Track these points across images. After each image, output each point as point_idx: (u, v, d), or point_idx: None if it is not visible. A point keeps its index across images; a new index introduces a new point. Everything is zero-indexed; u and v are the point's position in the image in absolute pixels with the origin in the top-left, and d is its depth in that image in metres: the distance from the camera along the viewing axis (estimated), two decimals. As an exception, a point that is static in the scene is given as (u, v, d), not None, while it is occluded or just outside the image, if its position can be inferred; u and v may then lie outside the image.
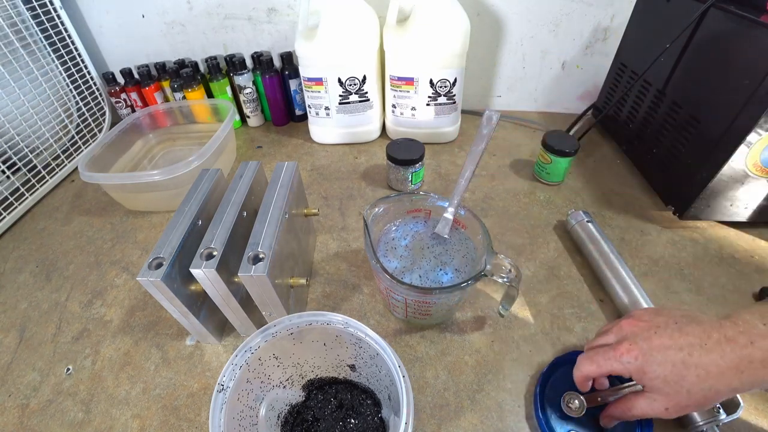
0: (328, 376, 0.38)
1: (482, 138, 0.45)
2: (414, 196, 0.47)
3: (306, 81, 0.72)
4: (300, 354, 0.35)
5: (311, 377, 0.38)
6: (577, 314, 0.47)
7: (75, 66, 0.77)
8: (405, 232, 0.48)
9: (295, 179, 0.47)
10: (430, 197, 0.46)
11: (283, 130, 0.86)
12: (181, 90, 0.79)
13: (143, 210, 0.66)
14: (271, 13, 0.80)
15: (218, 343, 0.46)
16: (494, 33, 0.81)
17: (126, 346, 0.46)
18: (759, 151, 0.48)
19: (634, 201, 0.64)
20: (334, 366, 0.37)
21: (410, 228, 0.48)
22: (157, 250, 0.37)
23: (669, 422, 0.38)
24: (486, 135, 0.45)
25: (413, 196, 0.47)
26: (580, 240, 0.54)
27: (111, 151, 0.67)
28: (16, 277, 0.55)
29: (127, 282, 0.54)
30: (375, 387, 0.37)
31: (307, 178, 0.71)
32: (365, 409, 0.37)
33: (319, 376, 0.38)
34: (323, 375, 0.38)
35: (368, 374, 0.36)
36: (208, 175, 0.47)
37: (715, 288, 0.50)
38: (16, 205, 0.65)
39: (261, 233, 0.38)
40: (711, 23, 0.53)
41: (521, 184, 0.68)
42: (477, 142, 0.45)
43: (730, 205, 0.54)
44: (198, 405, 0.41)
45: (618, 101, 0.71)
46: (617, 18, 0.77)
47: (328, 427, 0.36)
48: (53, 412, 0.41)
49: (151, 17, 0.80)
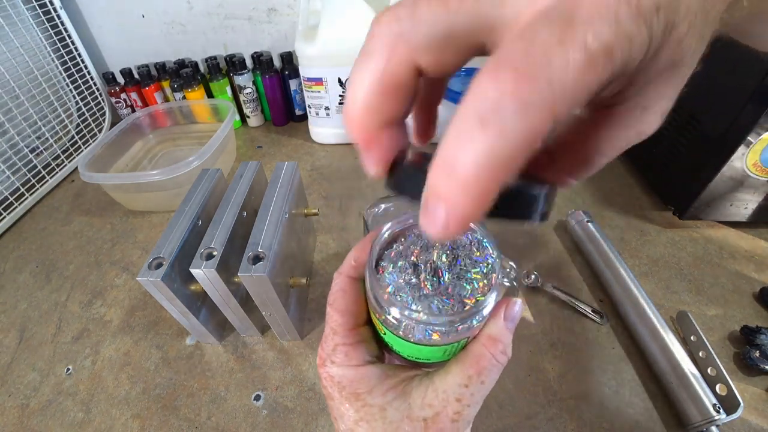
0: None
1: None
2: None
3: (306, 81, 0.72)
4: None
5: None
6: (577, 314, 0.47)
7: (75, 66, 0.77)
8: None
9: (295, 179, 0.46)
10: (430, 197, 0.46)
11: (283, 130, 0.86)
12: (181, 90, 0.79)
13: (143, 210, 0.66)
14: (271, 13, 0.80)
15: (218, 343, 0.46)
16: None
17: (126, 346, 0.46)
18: (759, 151, 0.48)
19: (634, 201, 0.64)
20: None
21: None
22: (157, 250, 0.37)
23: (669, 422, 0.38)
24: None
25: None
26: (580, 240, 0.54)
27: (111, 151, 0.67)
28: (16, 277, 0.55)
29: (127, 282, 0.54)
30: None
31: (307, 178, 0.71)
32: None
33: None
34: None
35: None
36: (208, 175, 0.47)
37: (715, 288, 0.50)
38: (16, 205, 0.65)
39: (261, 233, 0.38)
40: (711, 23, 0.53)
41: (521, 184, 0.68)
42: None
43: (730, 205, 0.54)
44: (198, 405, 0.41)
45: (618, 101, 0.71)
46: (617, 18, 0.77)
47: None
48: (53, 412, 0.41)
49: (151, 17, 0.80)
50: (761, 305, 0.47)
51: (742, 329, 0.44)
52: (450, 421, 0.17)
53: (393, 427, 0.17)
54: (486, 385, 0.18)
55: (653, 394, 0.40)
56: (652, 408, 0.39)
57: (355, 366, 0.19)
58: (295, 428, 0.39)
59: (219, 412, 0.40)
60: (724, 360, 0.41)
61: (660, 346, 0.41)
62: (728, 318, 0.46)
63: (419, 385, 0.18)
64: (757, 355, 0.41)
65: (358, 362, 0.19)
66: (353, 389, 0.18)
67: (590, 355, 0.43)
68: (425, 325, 0.17)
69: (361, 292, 0.20)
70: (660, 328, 0.42)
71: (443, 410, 0.17)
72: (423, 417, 0.17)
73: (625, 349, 0.44)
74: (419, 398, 0.18)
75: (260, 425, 0.39)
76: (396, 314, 0.17)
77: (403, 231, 0.20)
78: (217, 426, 0.39)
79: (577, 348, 0.44)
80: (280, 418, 0.39)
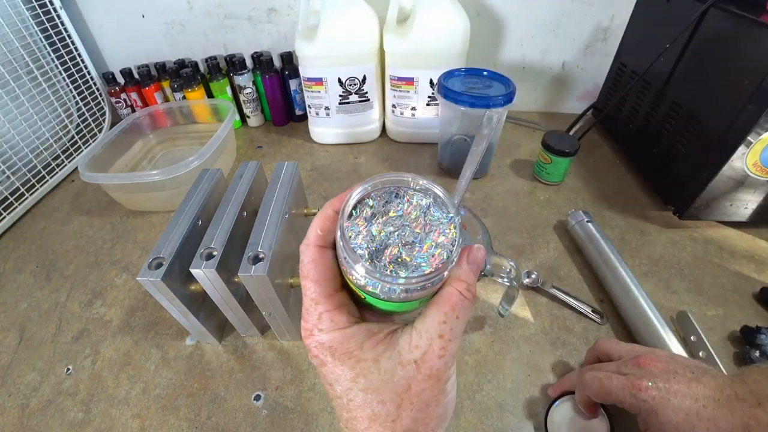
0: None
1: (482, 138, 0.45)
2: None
3: (306, 81, 0.72)
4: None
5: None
6: (577, 314, 0.47)
7: (75, 66, 0.77)
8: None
9: (295, 179, 0.47)
10: (430, 197, 0.46)
11: (283, 130, 0.86)
12: (181, 90, 0.79)
13: (143, 210, 0.66)
14: (271, 13, 0.80)
15: (218, 343, 0.46)
16: (494, 33, 0.81)
17: (126, 346, 0.46)
18: (759, 151, 0.48)
19: (634, 201, 0.64)
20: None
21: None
22: (157, 250, 0.37)
23: None
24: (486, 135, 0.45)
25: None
26: (580, 240, 0.54)
27: (111, 151, 0.67)
28: (16, 277, 0.55)
29: (127, 282, 0.54)
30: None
31: (307, 178, 0.71)
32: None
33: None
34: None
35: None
36: (208, 175, 0.47)
37: (715, 288, 0.50)
38: (16, 205, 0.65)
39: (261, 233, 0.38)
40: (711, 23, 0.53)
41: (521, 184, 0.68)
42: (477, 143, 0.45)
43: (730, 205, 0.54)
44: (198, 405, 0.41)
45: (618, 101, 0.71)
46: (617, 18, 0.77)
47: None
48: (53, 412, 0.41)
49: (151, 17, 0.80)
50: (761, 305, 0.47)
51: (742, 329, 0.44)
52: (437, 357, 0.19)
53: (389, 375, 0.19)
54: (461, 319, 0.20)
55: (653, 394, 0.40)
56: (652, 408, 0.39)
57: (342, 329, 0.20)
58: (295, 428, 0.39)
59: (219, 412, 0.40)
60: (724, 360, 0.41)
61: (660, 346, 0.41)
62: (728, 318, 0.46)
63: (404, 333, 0.20)
64: (757, 355, 0.41)
65: (344, 325, 0.20)
66: (345, 349, 0.19)
67: (590, 355, 0.43)
68: (402, 286, 0.18)
69: (332, 259, 0.21)
70: (660, 328, 0.42)
71: (429, 348, 0.19)
72: (413, 359, 0.19)
73: (625, 349, 0.44)
74: (406, 343, 0.19)
75: (260, 425, 0.39)
76: (373, 281, 0.18)
77: (364, 198, 0.21)
78: (217, 426, 0.39)
79: (577, 348, 0.44)
80: (280, 418, 0.39)
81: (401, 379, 0.19)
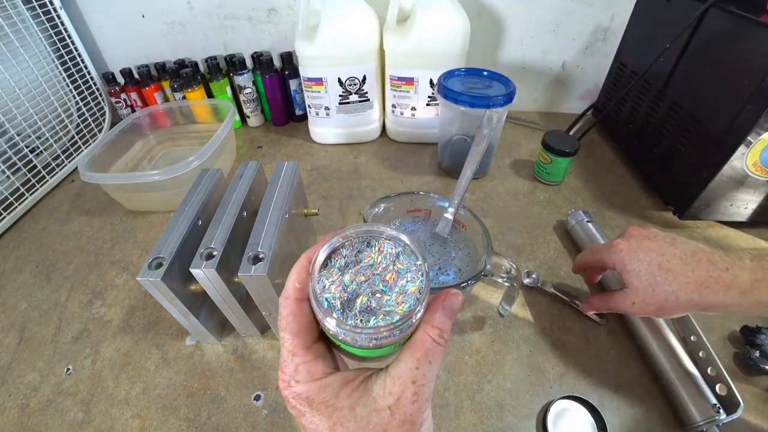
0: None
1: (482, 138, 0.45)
2: (414, 196, 0.47)
3: (306, 81, 0.72)
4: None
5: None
6: (577, 314, 0.47)
7: (75, 66, 0.77)
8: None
9: (295, 179, 0.46)
10: (430, 197, 0.46)
11: (283, 130, 0.86)
12: (181, 90, 0.79)
13: (143, 210, 0.66)
14: (271, 13, 0.80)
15: (218, 343, 0.46)
16: (494, 33, 0.81)
17: (126, 346, 0.46)
18: (759, 151, 0.48)
19: (634, 201, 0.64)
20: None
21: (410, 228, 0.48)
22: (157, 250, 0.37)
23: (669, 422, 0.38)
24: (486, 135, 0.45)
25: (413, 196, 0.47)
26: (580, 240, 0.54)
27: (111, 151, 0.67)
28: (16, 277, 0.55)
29: (127, 282, 0.54)
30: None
31: (307, 178, 0.71)
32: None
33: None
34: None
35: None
36: (208, 175, 0.47)
37: (715, 288, 0.49)
38: (16, 205, 0.65)
39: (261, 233, 0.38)
40: (711, 23, 0.53)
41: (521, 184, 0.68)
42: (477, 142, 0.45)
43: (730, 205, 0.54)
44: (198, 405, 0.41)
45: (618, 101, 0.71)
46: (617, 18, 0.77)
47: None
48: (53, 412, 0.41)
49: (151, 17, 0.80)
50: (761, 305, 0.47)
51: (742, 329, 0.44)
52: (411, 403, 0.19)
53: (364, 422, 0.19)
54: (434, 364, 0.20)
55: (653, 394, 0.40)
56: (652, 408, 0.39)
57: (318, 379, 0.20)
58: (295, 428, 0.39)
59: (219, 412, 0.40)
60: (724, 360, 0.41)
61: (660, 346, 0.41)
62: (728, 318, 0.46)
63: (378, 379, 0.20)
64: (757, 355, 0.41)
65: (320, 375, 0.20)
66: (321, 399, 0.20)
67: (590, 355, 0.43)
68: (372, 335, 0.19)
69: (309, 311, 0.22)
70: (660, 328, 0.42)
71: (402, 394, 0.19)
72: (387, 405, 0.19)
73: (625, 349, 0.44)
74: (380, 389, 0.20)
75: (260, 425, 0.39)
76: (344, 332, 0.19)
77: (338, 248, 0.22)
78: (217, 426, 0.39)
79: (577, 348, 0.44)
80: (280, 418, 0.39)
81: (377, 425, 0.19)
